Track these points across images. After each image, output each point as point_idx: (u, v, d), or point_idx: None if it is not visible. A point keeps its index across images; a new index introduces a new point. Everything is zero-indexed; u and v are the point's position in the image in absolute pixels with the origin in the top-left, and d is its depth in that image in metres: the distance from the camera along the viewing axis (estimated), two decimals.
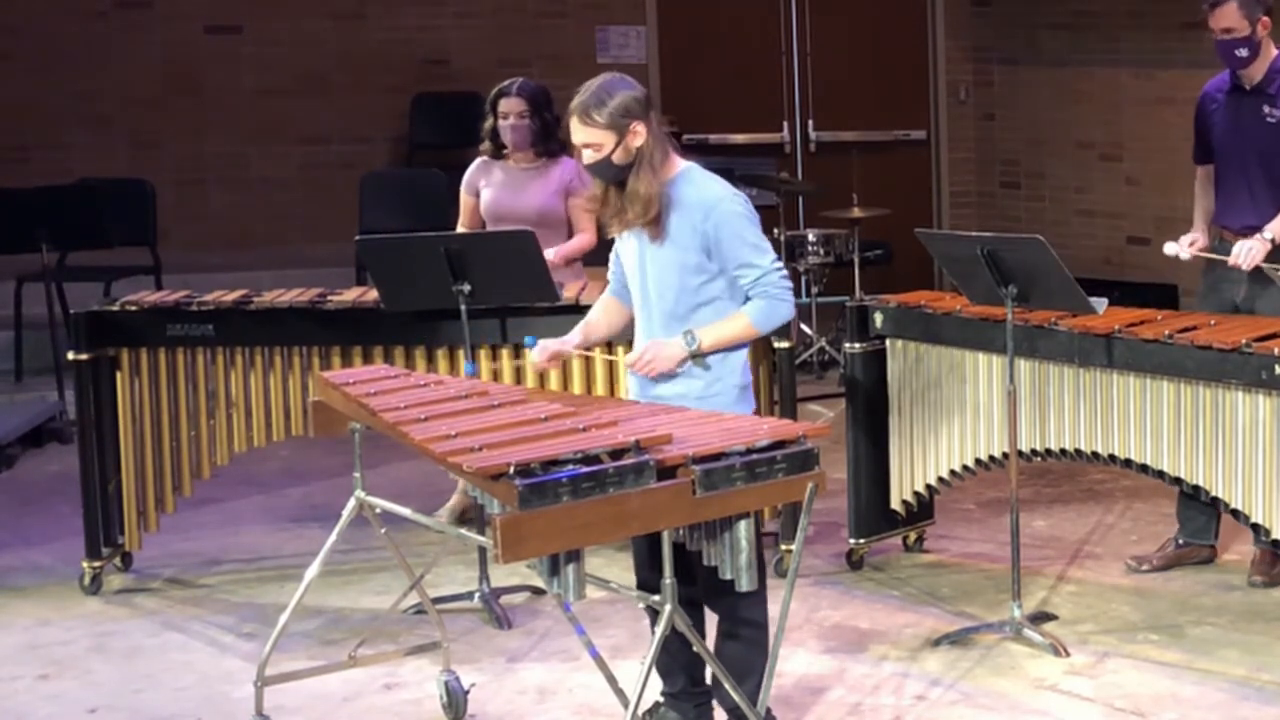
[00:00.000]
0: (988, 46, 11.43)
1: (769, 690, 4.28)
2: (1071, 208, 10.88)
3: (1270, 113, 5.86)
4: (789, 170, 11.05)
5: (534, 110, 6.48)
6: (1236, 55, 5.85)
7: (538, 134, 6.50)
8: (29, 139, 10.57)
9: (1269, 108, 5.87)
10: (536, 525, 3.70)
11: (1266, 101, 5.88)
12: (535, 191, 6.55)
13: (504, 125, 6.49)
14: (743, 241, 4.52)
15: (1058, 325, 5.57)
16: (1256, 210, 5.87)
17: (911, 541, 6.45)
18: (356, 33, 11.08)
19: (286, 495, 7.51)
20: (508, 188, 6.54)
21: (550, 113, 6.49)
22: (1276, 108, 5.85)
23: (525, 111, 6.47)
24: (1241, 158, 5.92)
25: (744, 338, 4.57)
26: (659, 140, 4.52)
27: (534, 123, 6.48)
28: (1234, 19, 5.79)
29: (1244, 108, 5.93)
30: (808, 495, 4.04)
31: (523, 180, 6.55)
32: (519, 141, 6.50)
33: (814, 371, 9.59)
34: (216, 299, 6.24)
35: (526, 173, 6.56)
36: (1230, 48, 5.84)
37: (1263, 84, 5.88)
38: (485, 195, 6.57)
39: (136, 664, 5.55)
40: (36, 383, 9.14)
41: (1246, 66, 5.87)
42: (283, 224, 10.97)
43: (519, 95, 6.47)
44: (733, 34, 11.38)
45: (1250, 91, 5.91)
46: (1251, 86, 5.91)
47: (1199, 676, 5.17)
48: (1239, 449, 5.16)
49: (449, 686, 4.98)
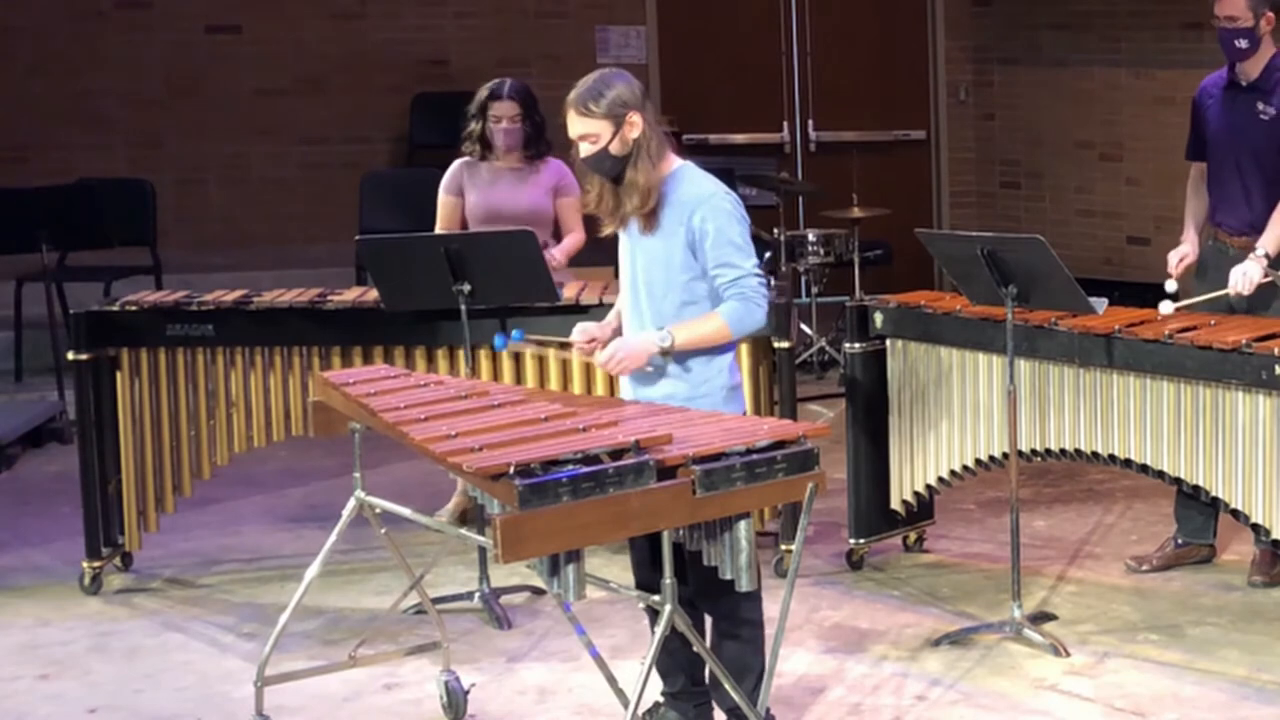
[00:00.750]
0: (988, 46, 11.43)
1: (769, 690, 4.29)
2: (1071, 208, 10.89)
3: (1264, 110, 5.85)
4: (789, 170, 11.05)
5: (526, 113, 6.49)
6: (1236, 45, 5.83)
7: (530, 136, 6.51)
8: (29, 139, 10.57)
9: (1264, 104, 5.86)
10: (536, 525, 3.70)
11: (1261, 98, 5.87)
12: (527, 191, 6.56)
13: (496, 128, 6.48)
14: (727, 240, 4.50)
15: (1058, 325, 5.57)
16: (1251, 209, 5.86)
17: (911, 541, 6.45)
18: (356, 33, 11.08)
19: (286, 495, 7.51)
20: (499, 188, 6.54)
21: (539, 114, 6.53)
22: (1271, 105, 5.84)
23: (518, 114, 6.48)
24: (1236, 154, 5.91)
25: (717, 338, 4.55)
26: (655, 132, 4.53)
27: (526, 125, 6.49)
28: (1238, 8, 5.77)
29: (1239, 104, 5.92)
30: (808, 495, 4.04)
31: (514, 180, 6.55)
32: (511, 144, 6.51)
33: (814, 371, 9.59)
34: (216, 299, 6.24)
35: (516, 173, 6.56)
36: (1231, 36, 5.82)
37: (1259, 81, 5.87)
38: (474, 196, 6.56)
39: (136, 664, 5.55)
40: (36, 383, 9.14)
41: (1245, 59, 5.85)
42: (283, 224, 10.97)
43: (512, 98, 6.48)
44: (733, 34, 11.38)
45: (1246, 88, 5.90)
46: (1248, 83, 5.90)
47: (1199, 676, 5.17)
48: (1239, 449, 5.16)
49: (449, 686, 4.98)
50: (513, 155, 6.55)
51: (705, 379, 4.58)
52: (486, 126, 6.50)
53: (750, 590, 4.12)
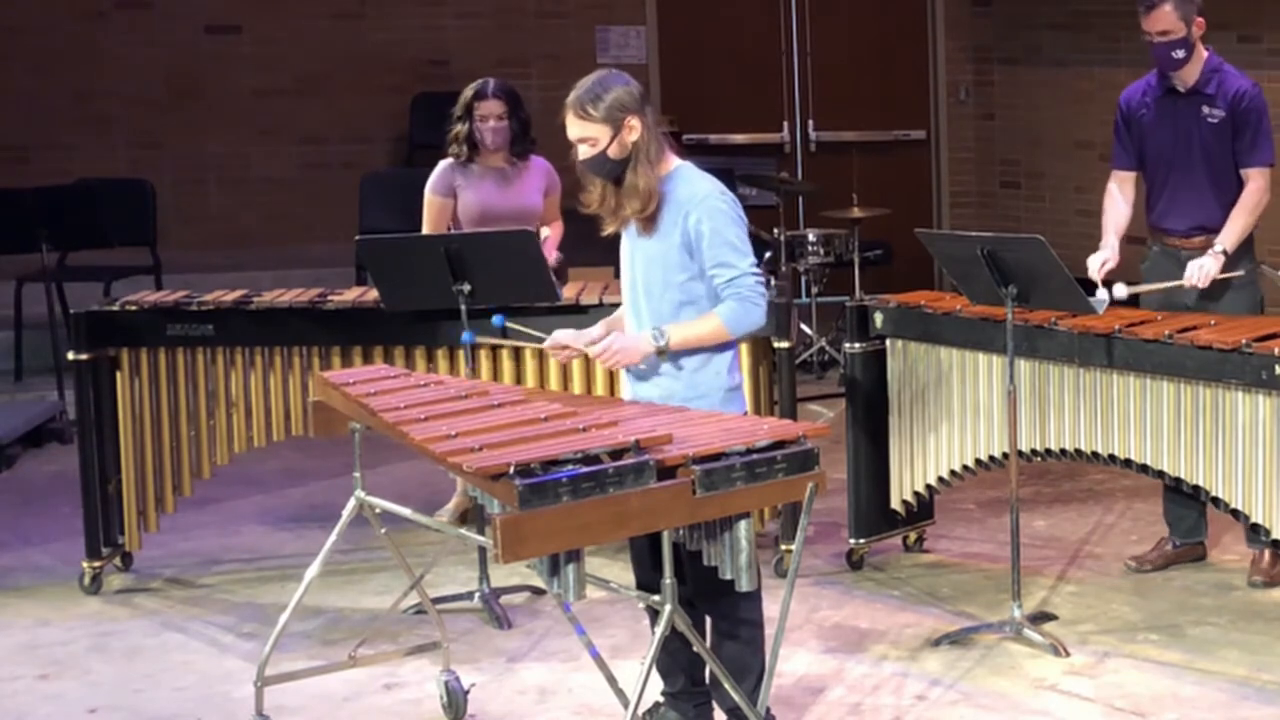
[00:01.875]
0: (988, 46, 11.43)
1: (769, 690, 4.29)
2: (1071, 208, 10.88)
3: (1211, 112, 5.86)
4: (789, 170, 11.05)
5: (512, 110, 6.52)
6: (1173, 57, 5.84)
7: (516, 134, 6.53)
8: (29, 139, 10.57)
9: (1209, 108, 5.86)
10: (536, 525, 3.70)
11: (1205, 102, 5.87)
12: (520, 190, 6.59)
13: (483, 127, 6.50)
14: (723, 239, 4.50)
15: (1058, 325, 5.57)
16: (1205, 211, 5.88)
17: (911, 541, 6.45)
18: (356, 33, 11.08)
19: (286, 495, 7.51)
20: (490, 188, 6.55)
21: (524, 111, 6.57)
22: (1216, 108, 5.85)
23: (504, 113, 6.50)
24: (1185, 160, 5.92)
25: (714, 338, 4.55)
26: (654, 135, 4.52)
27: (512, 123, 6.51)
28: (1171, 21, 5.78)
29: (1181, 110, 5.92)
30: (808, 495, 4.04)
31: (503, 180, 6.57)
32: (500, 142, 6.52)
33: (814, 371, 9.59)
34: (216, 299, 6.24)
35: (504, 172, 6.58)
36: (1167, 50, 5.83)
37: (1199, 85, 5.88)
38: (468, 195, 6.56)
39: (136, 664, 5.55)
40: (36, 383, 9.13)
41: (1182, 68, 5.86)
42: (283, 224, 10.97)
43: (497, 97, 6.50)
44: (733, 34, 11.38)
45: (1186, 94, 5.90)
46: (1187, 89, 5.90)
47: (1199, 676, 5.17)
48: (1239, 449, 5.16)
49: (449, 686, 4.98)
50: (500, 154, 6.56)
51: (704, 379, 4.57)
52: (473, 126, 6.51)
53: (750, 590, 4.12)
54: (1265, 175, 5.87)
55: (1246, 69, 6.16)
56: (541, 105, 6.59)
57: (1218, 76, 5.88)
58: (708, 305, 4.55)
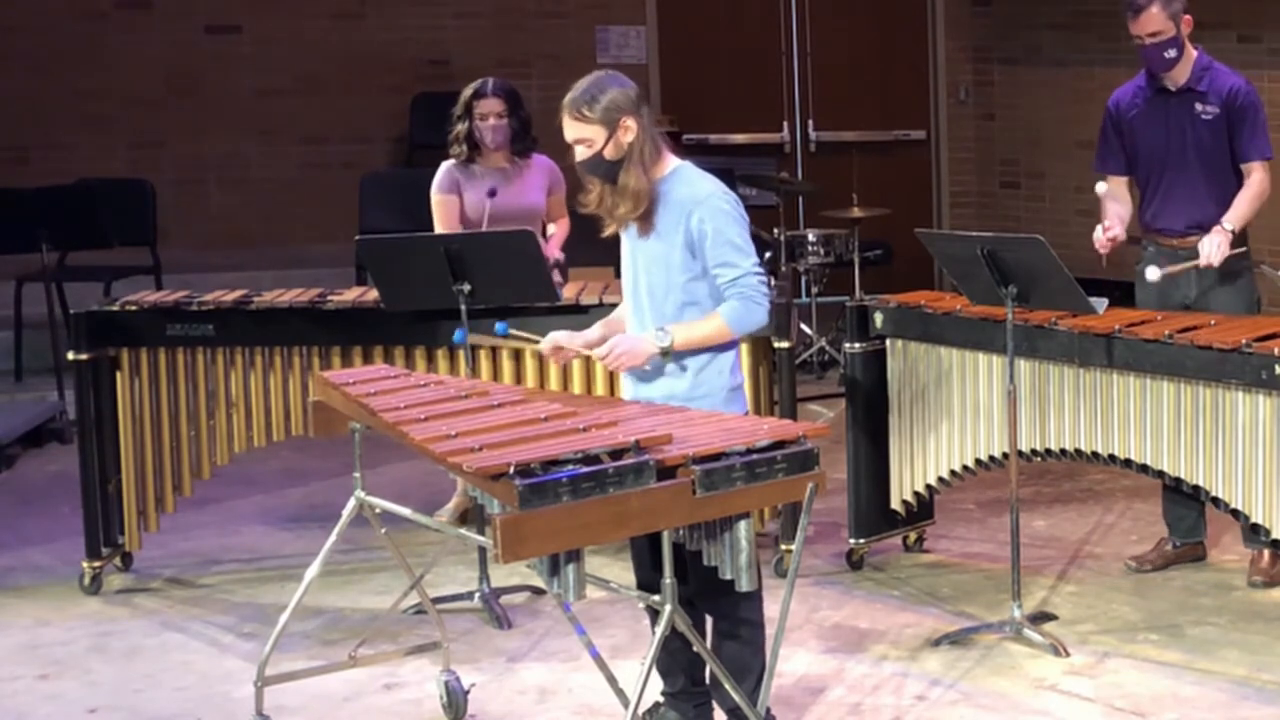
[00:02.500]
0: (988, 46, 11.43)
1: (769, 690, 4.29)
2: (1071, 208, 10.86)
3: (1205, 110, 5.86)
4: (789, 170, 11.05)
5: (511, 109, 6.52)
6: (1165, 58, 5.84)
7: (516, 132, 6.53)
8: (29, 139, 10.57)
9: (1202, 105, 5.86)
10: (536, 525, 3.70)
11: (1198, 99, 5.87)
12: (525, 188, 6.59)
13: (484, 126, 6.50)
14: (725, 239, 4.50)
15: (1058, 325, 5.57)
16: (1200, 209, 5.87)
17: (911, 541, 6.45)
18: (356, 33, 11.09)
19: (286, 495, 7.51)
20: (499, 187, 6.54)
21: (524, 110, 6.58)
22: (1210, 104, 5.85)
23: (504, 111, 6.51)
24: (1179, 159, 5.91)
25: (718, 338, 4.55)
26: (650, 136, 4.53)
27: (512, 121, 6.52)
28: (1160, 22, 5.78)
29: (1173, 109, 5.91)
30: (808, 495, 4.04)
31: (510, 178, 6.57)
32: (500, 141, 6.52)
33: (814, 371, 9.59)
34: (216, 299, 6.24)
35: (506, 172, 6.57)
36: (1158, 51, 5.82)
37: (1191, 83, 5.87)
38: (470, 195, 6.56)
39: (136, 664, 5.55)
40: (36, 383, 9.14)
41: (1173, 68, 5.86)
42: (283, 224, 10.97)
43: (496, 95, 6.51)
44: (733, 34, 11.38)
45: (1178, 92, 5.90)
46: (1178, 88, 5.90)
47: (1199, 676, 5.17)
48: (1239, 449, 5.16)
49: (449, 686, 4.98)
50: (501, 153, 6.57)
51: (706, 378, 4.57)
52: (473, 125, 6.51)
53: (750, 590, 4.12)
54: (1266, 168, 5.87)
55: (1246, 69, 6.18)
56: (542, 105, 6.58)
57: (1209, 74, 5.88)
58: (711, 305, 4.55)
